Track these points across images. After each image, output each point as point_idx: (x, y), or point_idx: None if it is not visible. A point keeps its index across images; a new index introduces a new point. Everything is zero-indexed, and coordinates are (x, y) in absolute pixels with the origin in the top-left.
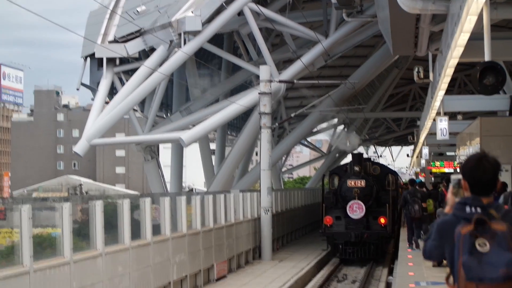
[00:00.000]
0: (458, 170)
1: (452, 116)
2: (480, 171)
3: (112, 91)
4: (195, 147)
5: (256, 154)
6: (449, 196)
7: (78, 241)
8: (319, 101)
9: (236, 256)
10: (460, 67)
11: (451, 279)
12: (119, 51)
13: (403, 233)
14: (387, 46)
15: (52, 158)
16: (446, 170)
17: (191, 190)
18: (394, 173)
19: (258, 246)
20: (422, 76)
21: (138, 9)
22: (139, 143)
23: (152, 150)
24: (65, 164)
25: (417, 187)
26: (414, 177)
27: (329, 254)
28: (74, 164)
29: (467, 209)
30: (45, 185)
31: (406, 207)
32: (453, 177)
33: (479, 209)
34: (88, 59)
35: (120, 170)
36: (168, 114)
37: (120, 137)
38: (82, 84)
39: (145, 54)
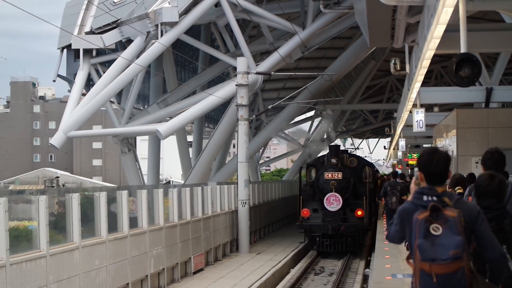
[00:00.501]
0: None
1: (428, 108)
2: (433, 164)
3: (89, 83)
4: (172, 139)
5: (234, 146)
6: (412, 186)
7: (55, 234)
8: (297, 93)
9: (213, 249)
10: (437, 59)
11: (411, 260)
12: (96, 42)
13: (380, 225)
14: (364, 37)
15: (28, 150)
16: None
17: (168, 182)
18: (371, 165)
19: (236, 239)
20: (398, 68)
21: (115, 0)
22: (116, 135)
23: (129, 142)
24: (42, 156)
25: (397, 179)
26: (391, 169)
27: (306, 247)
28: (51, 156)
29: (424, 197)
30: (22, 177)
31: (386, 198)
32: (416, 170)
33: (434, 198)
34: (65, 50)
35: (97, 162)
36: (145, 106)
37: (97, 129)
38: (59, 76)
39: (122, 45)
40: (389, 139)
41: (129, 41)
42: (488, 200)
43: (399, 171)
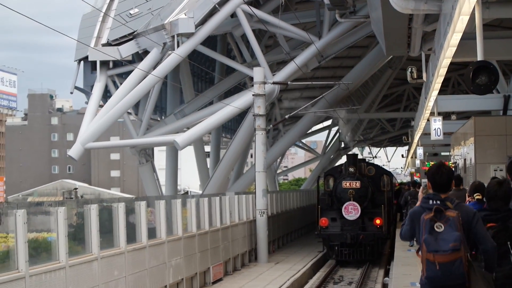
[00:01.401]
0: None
1: (446, 116)
2: (439, 176)
3: (106, 94)
4: (190, 149)
5: (251, 156)
6: (420, 194)
7: (74, 245)
8: (314, 102)
9: (232, 259)
10: (454, 67)
11: (419, 252)
12: (113, 54)
13: (399, 234)
14: (380, 46)
15: (46, 162)
16: None
17: (186, 193)
18: (389, 174)
19: (254, 249)
20: (415, 76)
21: (131, 12)
22: (134, 147)
23: (146, 153)
24: (60, 168)
25: (417, 188)
26: (409, 178)
27: (325, 256)
28: (69, 168)
29: (430, 202)
30: (40, 189)
31: (407, 207)
32: (423, 181)
33: (438, 202)
34: (82, 62)
35: (115, 173)
36: (163, 117)
37: (114, 141)
38: (76, 88)
39: (139, 56)
40: (406, 147)
41: (146, 52)
42: (496, 203)
43: (418, 179)
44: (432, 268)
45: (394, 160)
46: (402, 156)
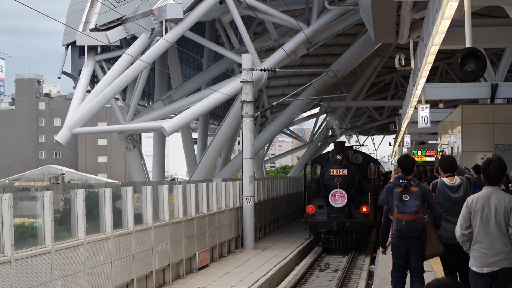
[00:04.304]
0: (439, 158)
1: (433, 104)
2: (406, 163)
3: (94, 80)
4: (177, 136)
5: (239, 143)
6: (393, 175)
7: (60, 230)
8: (301, 90)
9: (218, 245)
10: (441, 56)
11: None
12: (101, 39)
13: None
14: (369, 34)
15: (33, 147)
16: (428, 158)
17: (173, 179)
18: (376, 162)
19: (241, 235)
20: (403, 64)
21: None
22: (121, 132)
23: (134, 139)
24: (47, 153)
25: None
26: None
27: (311, 243)
28: (56, 153)
29: (400, 181)
30: (27, 174)
31: None
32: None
33: (405, 181)
34: (70, 47)
35: (102, 159)
36: (150, 103)
37: (102, 126)
38: (64, 73)
39: (127, 42)
40: (394, 135)
41: (134, 38)
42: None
43: None
44: (400, 224)
45: (381, 149)
46: (390, 144)
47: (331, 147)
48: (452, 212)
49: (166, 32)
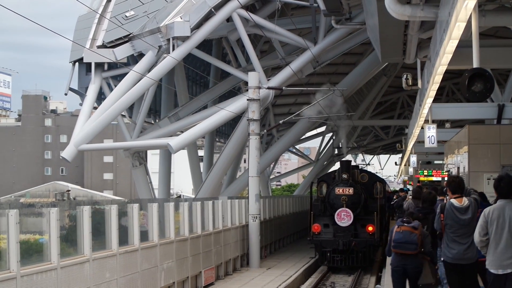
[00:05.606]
0: (445, 178)
1: (440, 124)
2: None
3: (101, 96)
4: (183, 153)
5: (245, 161)
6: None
7: (66, 247)
8: (308, 108)
9: (224, 263)
10: (448, 76)
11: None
12: (108, 56)
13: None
14: (376, 53)
15: (39, 164)
16: (434, 178)
17: (179, 196)
18: (382, 181)
19: (246, 253)
20: (410, 83)
21: (127, 14)
22: (127, 149)
23: (140, 156)
24: (53, 170)
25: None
26: (402, 185)
27: (317, 262)
28: (62, 170)
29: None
30: (33, 191)
31: (399, 209)
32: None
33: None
34: (77, 64)
35: (108, 176)
36: (157, 120)
37: (108, 143)
38: (70, 89)
39: (134, 59)
40: (400, 155)
41: (141, 55)
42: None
43: (409, 187)
44: (397, 233)
45: (387, 168)
46: (396, 163)
47: (337, 166)
48: (459, 233)
49: (173, 49)
